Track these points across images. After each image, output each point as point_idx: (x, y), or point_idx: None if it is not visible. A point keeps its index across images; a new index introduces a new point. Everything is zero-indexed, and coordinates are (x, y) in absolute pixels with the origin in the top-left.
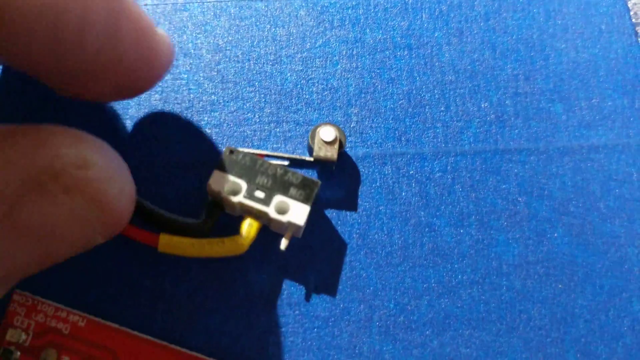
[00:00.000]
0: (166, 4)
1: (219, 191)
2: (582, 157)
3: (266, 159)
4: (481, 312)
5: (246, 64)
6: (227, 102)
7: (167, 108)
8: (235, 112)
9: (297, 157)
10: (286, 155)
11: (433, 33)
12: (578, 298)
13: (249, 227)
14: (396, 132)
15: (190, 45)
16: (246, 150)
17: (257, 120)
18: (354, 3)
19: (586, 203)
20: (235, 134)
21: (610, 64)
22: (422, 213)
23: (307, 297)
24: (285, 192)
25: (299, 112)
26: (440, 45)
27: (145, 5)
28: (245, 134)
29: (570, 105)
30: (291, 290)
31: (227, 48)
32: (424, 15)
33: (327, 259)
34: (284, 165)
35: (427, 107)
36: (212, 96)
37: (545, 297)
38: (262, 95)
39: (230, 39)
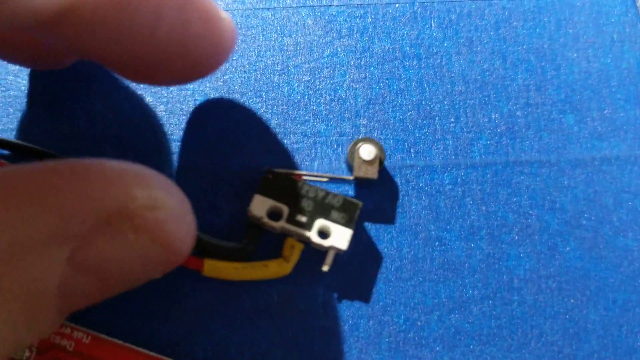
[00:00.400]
0: None
1: (261, 216)
2: (594, 169)
3: (305, 179)
4: (492, 327)
5: (253, 74)
6: (233, 113)
7: (173, 119)
8: (241, 122)
9: (337, 176)
10: (325, 175)
11: (443, 42)
12: (590, 313)
13: (291, 249)
14: (405, 143)
15: None
16: (285, 171)
17: (264, 132)
18: (362, 12)
19: (598, 216)
20: (242, 144)
21: (623, 73)
22: (432, 227)
23: (315, 311)
24: (327, 216)
25: (307, 123)
26: (450, 55)
27: None
28: (252, 145)
29: (582, 116)
30: (299, 303)
31: (234, 58)
32: (433, 25)
33: (335, 273)
34: (324, 188)
35: (437, 118)
36: (218, 107)
37: (557, 312)
38: (269, 107)
39: (236, 48)
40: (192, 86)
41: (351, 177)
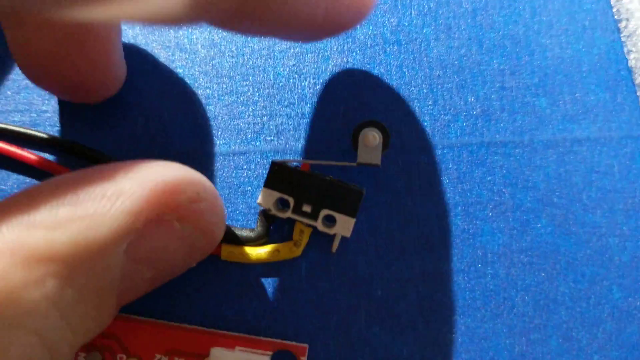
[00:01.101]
0: None
1: (269, 208)
2: (565, 150)
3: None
4: (466, 299)
5: (240, 58)
6: (222, 95)
7: (164, 102)
8: (230, 105)
9: (341, 163)
10: (329, 163)
11: (422, 29)
12: (560, 286)
13: (301, 234)
14: (384, 125)
15: (186, 40)
16: (290, 160)
17: (251, 114)
18: None
19: (569, 194)
20: (230, 126)
21: (594, 59)
22: (409, 203)
23: (298, 284)
24: (331, 206)
25: (292, 105)
26: (429, 41)
27: None
28: (239, 127)
29: (554, 100)
30: (283, 276)
31: (222, 43)
32: (413, 12)
33: (317, 247)
34: (329, 176)
35: (416, 101)
36: (207, 90)
37: (528, 285)
38: (256, 90)
39: (224, 34)
40: (182, 70)
41: (354, 164)
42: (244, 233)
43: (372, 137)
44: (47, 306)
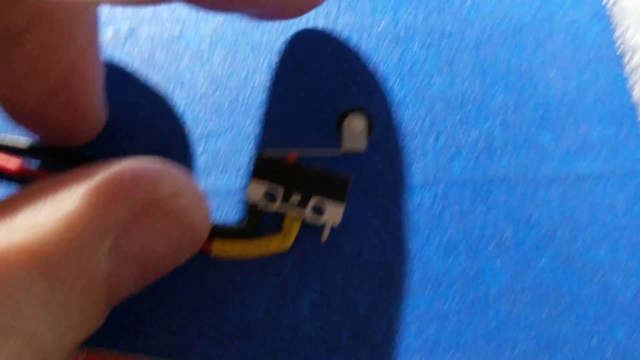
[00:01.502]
0: (163, 34)
1: (258, 200)
2: (569, 186)
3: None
4: (469, 338)
5: (241, 93)
6: (223, 131)
7: (163, 138)
8: (231, 141)
9: (327, 150)
10: (315, 151)
11: (424, 62)
12: (563, 325)
13: (291, 225)
14: (387, 160)
15: (187, 75)
16: (277, 151)
17: (253, 149)
18: (347, 33)
19: (572, 231)
20: (231, 162)
21: (598, 92)
22: (412, 241)
23: (303, 325)
24: (320, 193)
25: (288, 132)
26: (432, 75)
27: (142, 35)
28: (241, 162)
29: (557, 134)
30: (285, 316)
31: (223, 78)
32: (415, 45)
33: (319, 281)
34: (314, 166)
35: (418, 135)
36: (208, 126)
37: (531, 324)
38: (257, 124)
39: (226, 68)
40: (182, 105)
41: (340, 150)
42: (234, 228)
43: (356, 123)
44: (36, 308)
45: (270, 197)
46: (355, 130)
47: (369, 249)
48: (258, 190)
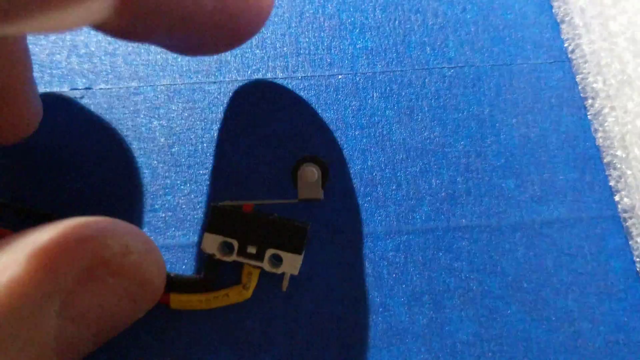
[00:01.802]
0: (120, 87)
1: (213, 253)
2: (534, 233)
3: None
4: None
5: (199, 146)
6: (180, 185)
7: (121, 192)
8: (189, 194)
9: (284, 201)
10: (271, 202)
11: (384, 112)
12: None
13: (249, 276)
14: (349, 211)
15: (143, 129)
16: (231, 203)
17: (211, 202)
18: (306, 84)
19: (539, 279)
20: (189, 217)
21: (561, 137)
22: (376, 293)
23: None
24: (276, 245)
25: (252, 190)
26: (391, 124)
27: (100, 89)
28: (199, 216)
29: (521, 181)
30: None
31: (181, 131)
32: (374, 95)
33: (283, 334)
34: (272, 214)
35: (379, 186)
36: (166, 180)
37: None
38: (216, 177)
39: (183, 122)
40: (140, 160)
41: (296, 200)
42: (192, 280)
43: (310, 173)
44: None
45: (227, 247)
46: (310, 179)
47: (332, 300)
48: (213, 244)
